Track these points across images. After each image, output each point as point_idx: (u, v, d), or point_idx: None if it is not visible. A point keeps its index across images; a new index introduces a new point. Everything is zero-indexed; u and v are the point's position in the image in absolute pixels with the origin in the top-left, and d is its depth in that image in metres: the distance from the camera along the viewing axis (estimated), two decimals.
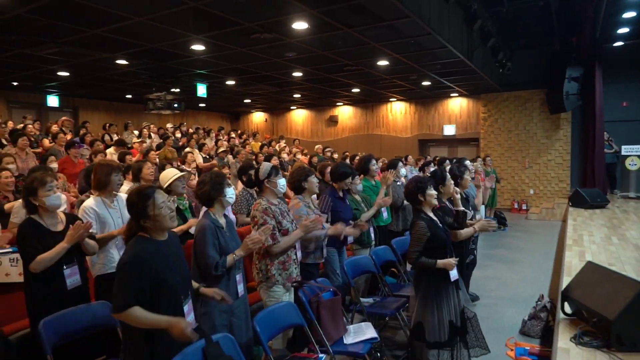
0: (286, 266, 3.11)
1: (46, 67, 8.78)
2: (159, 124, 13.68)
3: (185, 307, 2.20)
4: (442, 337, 3.02)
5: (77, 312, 2.67)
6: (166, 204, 2.18)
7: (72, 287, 2.80)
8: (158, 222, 2.14)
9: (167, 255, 2.14)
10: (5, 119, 9.93)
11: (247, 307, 2.75)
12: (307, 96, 13.68)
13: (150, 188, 2.21)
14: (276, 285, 3.07)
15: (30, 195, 2.73)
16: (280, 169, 3.37)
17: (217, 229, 2.59)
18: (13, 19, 5.79)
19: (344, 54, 8.18)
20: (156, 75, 9.72)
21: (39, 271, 2.65)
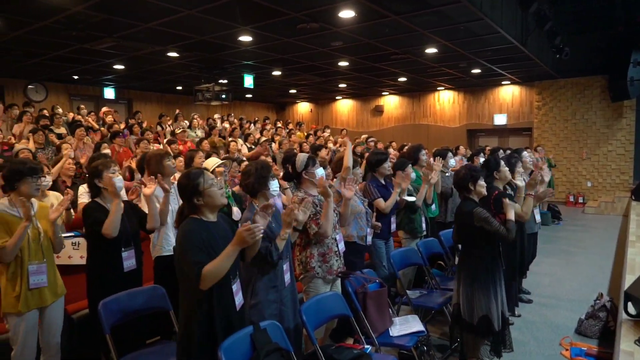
0: (326, 258, 3.07)
1: (103, 61, 9.19)
2: (208, 114, 14.05)
3: (233, 286, 2.23)
4: (497, 328, 3.01)
5: (133, 294, 2.80)
6: (215, 182, 2.23)
7: (128, 270, 2.94)
8: (210, 198, 2.18)
9: (216, 236, 2.18)
10: (67, 111, 10.52)
11: (295, 295, 2.76)
12: (352, 86, 13.56)
13: (198, 169, 2.28)
14: (316, 279, 3.05)
15: (95, 178, 2.92)
16: (317, 159, 3.32)
17: None
18: (73, 16, 6.07)
19: (391, 42, 8.02)
20: (205, 67, 9.94)
21: (115, 234, 2.81)
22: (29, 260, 2.64)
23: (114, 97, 12.87)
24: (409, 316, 3.30)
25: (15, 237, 2.54)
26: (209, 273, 2.01)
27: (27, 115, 7.24)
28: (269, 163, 2.87)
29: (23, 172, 2.64)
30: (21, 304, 2.59)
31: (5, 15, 6.10)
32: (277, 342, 2.29)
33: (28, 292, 2.62)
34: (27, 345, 2.64)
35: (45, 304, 2.72)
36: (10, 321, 2.63)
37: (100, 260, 2.90)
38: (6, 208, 2.62)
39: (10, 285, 2.62)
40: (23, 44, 7.65)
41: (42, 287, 2.68)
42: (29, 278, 2.62)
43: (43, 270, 2.69)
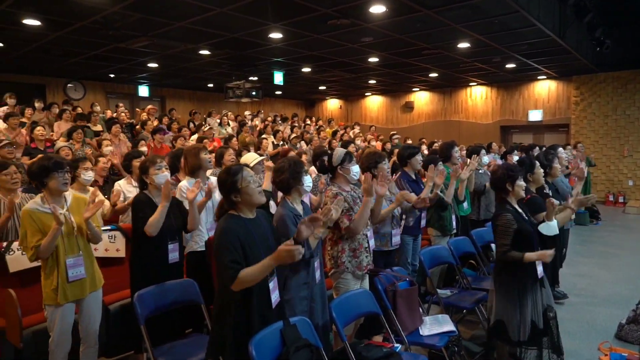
0: (357, 254, 3.06)
1: (138, 60, 9.44)
2: (238, 111, 14.22)
3: (270, 283, 2.24)
4: (522, 337, 2.87)
5: (167, 287, 2.87)
6: (254, 179, 2.25)
7: (172, 262, 3.07)
8: (248, 196, 2.20)
9: (254, 233, 2.20)
10: (104, 108, 10.88)
11: (324, 292, 2.77)
12: (382, 82, 13.44)
13: (238, 165, 2.30)
14: (346, 273, 3.04)
15: (143, 174, 3.11)
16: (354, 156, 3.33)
17: (295, 218, 2.62)
18: (110, 15, 6.26)
19: (422, 37, 7.89)
20: (236, 64, 10.05)
21: (155, 233, 2.95)
22: (65, 254, 2.71)
23: (148, 95, 13.22)
24: (440, 316, 3.25)
25: (48, 239, 2.60)
26: (243, 278, 2.05)
27: (66, 114, 7.52)
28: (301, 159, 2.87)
29: (49, 168, 2.67)
30: (59, 296, 2.69)
31: (47, 17, 6.34)
32: (307, 338, 2.29)
33: (66, 285, 2.70)
34: (62, 335, 2.74)
35: (83, 296, 2.81)
36: (48, 311, 2.74)
37: (146, 252, 3.03)
38: (38, 206, 2.68)
39: (48, 279, 2.71)
40: (63, 44, 7.94)
41: (81, 279, 2.77)
42: (67, 271, 2.70)
43: (80, 262, 2.77)
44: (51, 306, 2.71)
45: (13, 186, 3.39)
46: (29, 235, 2.62)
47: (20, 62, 9.54)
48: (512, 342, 2.89)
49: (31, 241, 2.61)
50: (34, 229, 2.63)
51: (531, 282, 2.91)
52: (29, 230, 2.62)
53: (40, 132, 5.98)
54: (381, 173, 3.19)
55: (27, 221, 2.64)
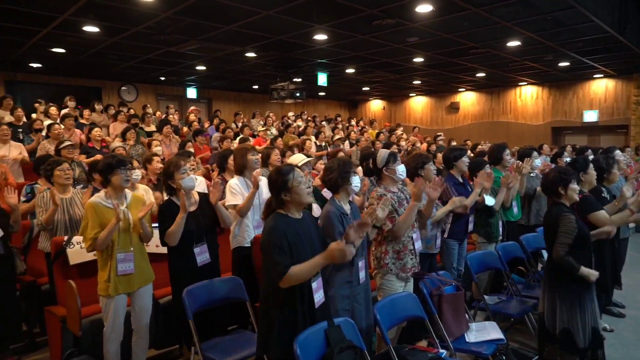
0: (401, 256, 3.02)
1: (187, 63, 9.77)
2: (282, 112, 14.41)
3: (314, 284, 2.27)
4: (585, 344, 2.79)
5: (213, 284, 2.95)
6: (304, 180, 2.29)
7: (202, 264, 3.05)
8: (297, 195, 2.24)
9: (300, 233, 2.23)
10: (154, 110, 11.32)
11: (369, 294, 2.76)
12: (427, 82, 13.22)
13: (289, 165, 2.35)
14: (389, 274, 3.01)
15: (168, 179, 3.07)
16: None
17: (342, 216, 2.63)
18: (163, 21, 6.51)
19: (470, 36, 7.69)
20: (280, 66, 10.20)
21: (174, 244, 2.97)
22: (117, 249, 2.85)
23: (196, 97, 13.65)
24: (487, 322, 3.16)
25: (106, 232, 2.76)
26: (292, 276, 2.08)
27: (121, 115, 7.89)
28: (350, 160, 2.87)
29: (113, 165, 2.86)
30: (111, 288, 2.83)
31: (105, 24, 6.69)
32: (351, 340, 2.29)
33: (117, 278, 2.84)
34: (115, 325, 2.88)
35: (132, 290, 2.94)
36: (102, 302, 2.89)
37: (176, 255, 3.06)
38: (102, 200, 2.87)
39: (102, 271, 2.88)
40: (118, 49, 8.34)
41: (129, 274, 2.90)
42: (117, 265, 2.84)
43: (130, 258, 2.90)
44: (104, 297, 2.86)
45: (66, 181, 3.62)
46: (90, 227, 2.79)
47: (79, 67, 10.11)
48: (578, 350, 2.78)
49: (90, 233, 2.78)
50: (95, 221, 2.79)
51: (589, 288, 2.81)
52: (90, 222, 2.79)
53: (97, 132, 6.32)
54: (435, 178, 3.14)
55: (90, 213, 2.81)
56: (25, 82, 10.97)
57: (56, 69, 10.44)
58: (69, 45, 7.96)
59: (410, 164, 3.47)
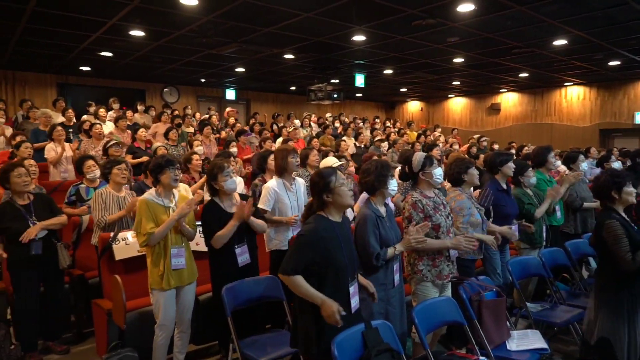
0: (436, 263, 2.95)
1: (227, 65, 9.98)
2: (319, 113, 14.46)
3: (351, 288, 2.27)
4: (630, 358, 2.61)
5: (251, 282, 3.00)
6: (346, 183, 2.30)
7: (242, 265, 3.11)
8: (339, 197, 2.25)
9: (339, 237, 2.24)
10: (194, 111, 11.64)
11: (403, 297, 2.73)
12: (467, 83, 12.94)
13: (331, 168, 2.38)
14: (424, 282, 2.96)
15: (212, 180, 3.13)
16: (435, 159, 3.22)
17: (377, 219, 2.61)
18: (204, 24, 6.69)
19: (513, 35, 7.46)
20: (318, 67, 10.25)
21: (218, 247, 3.02)
22: (170, 244, 2.97)
23: (235, 98, 13.91)
24: (529, 331, 3.06)
25: (164, 227, 2.89)
26: (294, 283, 2.16)
27: (164, 116, 8.16)
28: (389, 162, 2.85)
29: (162, 165, 2.99)
30: (164, 281, 2.94)
31: (150, 28, 6.94)
32: (388, 343, 2.27)
33: (170, 272, 2.96)
34: (166, 317, 2.99)
35: (183, 284, 3.05)
36: (154, 295, 3.00)
37: (218, 254, 3.11)
38: (153, 197, 3.00)
39: (154, 265, 2.98)
40: (162, 52, 8.63)
41: (181, 268, 3.01)
42: (171, 260, 2.96)
43: (182, 254, 3.02)
44: (157, 291, 2.97)
45: (122, 180, 3.79)
46: (144, 222, 2.90)
47: (125, 70, 10.53)
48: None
49: (145, 228, 2.89)
50: (149, 217, 2.91)
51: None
52: (144, 218, 2.91)
53: (143, 133, 6.57)
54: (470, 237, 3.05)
55: (143, 209, 2.93)
56: (75, 84, 11.54)
57: (104, 72, 10.91)
58: (116, 49, 8.31)
59: (453, 168, 3.40)
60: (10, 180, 3.45)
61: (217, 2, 5.76)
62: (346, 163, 4.89)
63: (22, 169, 3.49)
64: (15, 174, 3.44)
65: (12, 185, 3.47)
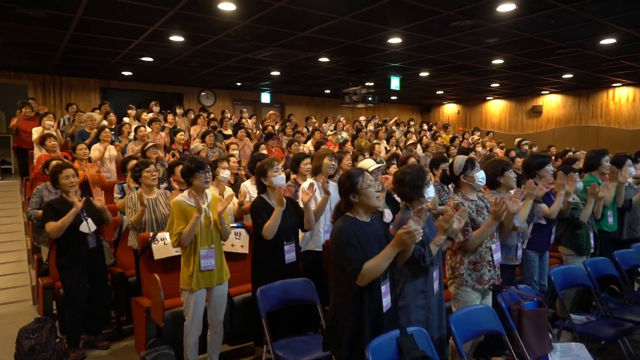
0: (477, 267, 2.89)
1: (262, 68, 10.14)
2: (353, 117, 14.46)
3: (382, 287, 2.26)
4: None
5: (287, 285, 3.03)
6: (374, 184, 2.30)
7: (288, 262, 3.20)
8: (366, 198, 2.26)
9: (369, 235, 2.24)
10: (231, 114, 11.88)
11: (442, 304, 2.69)
12: (506, 85, 12.61)
13: (359, 169, 2.39)
14: (464, 286, 2.91)
15: (261, 176, 3.26)
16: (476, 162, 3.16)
17: None
18: (241, 29, 6.82)
19: (557, 35, 7.22)
20: (353, 70, 10.25)
21: (271, 237, 3.11)
22: (200, 245, 3.04)
23: (269, 101, 14.12)
24: (573, 344, 2.93)
25: (189, 226, 2.96)
26: (367, 270, 2.11)
27: (201, 119, 8.37)
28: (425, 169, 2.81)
29: (192, 169, 3.07)
30: (193, 282, 3.01)
31: (189, 33, 7.14)
32: (424, 350, 2.24)
33: (199, 273, 3.02)
34: (195, 318, 3.06)
35: (212, 285, 3.11)
36: (184, 295, 3.08)
37: (265, 253, 3.20)
38: (185, 199, 3.07)
39: (185, 266, 3.07)
40: (200, 57, 8.86)
41: (211, 270, 3.07)
42: (200, 261, 3.02)
43: (212, 255, 3.08)
44: (186, 291, 3.05)
45: (152, 182, 3.90)
46: (175, 223, 3.00)
47: (164, 74, 10.89)
48: None
49: (176, 228, 2.99)
50: (181, 217, 3.00)
51: None
52: (176, 219, 3.00)
53: (181, 136, 6.76)
54: (516, 189, 2.99)
55: (175, 210, 3.02)
56: (117, 88, 12.03)
57: (144, 76, 11.32)
58: (156, 54, 8.60)
59: (489, 170, 3.33)
60: (59, 181, 3.66)
61: (253, 7, 5.87)
62: (384, 165, 4.87)
63: (70, 170, 3.69)
64: (63, 176, 3.64)
65: (61, 186, 3.68)
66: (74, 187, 3.68)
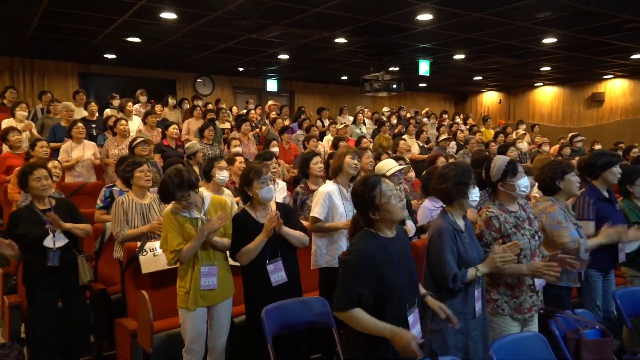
0: (516, 293, 2.83)
1: (268, 51, 10.20)
2: (374, 107, 14.44)
3: (410, 317, 2.24)
4: None
5: (296, 304, 3.02)
6: (395, 193, 2.28)
7: (276, 284, 3.10)
8: (388, 213, 2.25)
9: (394, 255, 2.23)
10: (231, 105, 11.98)
11: (487, 329, 2.66)
12: (559, 68, 12.50)
13: (375, 177, 2.35)
14: (500, 315, 2.85)
15: (246, 186, 3.16)
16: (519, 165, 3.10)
17: (455, 233, 2.57)
18: (244, 4, 6.86)
19: (623, 7, 7.08)
20: (375, 53, 10.25)
21: (245, 264, 3.08)
22: (201, 261, 3.05)
23: (277, 90, 14.20)
24: None
25: (191, 245, 2.96)
26: (353, 319, 2.17)
27: (197, 110, 8.40)
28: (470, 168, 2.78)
29: (172, 194, 2.99)
30: (190, 301, 3.02)
31: (183, 9, 7.21)
32: None
33: (198, 292, 3.03)
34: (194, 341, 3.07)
35: (214, 303, 3.12)
36: (181, 315, 3.10)
37: (249, 272, 3.15)
38: (178, 210, 3.07)
39: (181, 281, 3.08)
40: (195, 37, 8.94)
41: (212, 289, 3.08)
42: (200, 279, 3.04)
43: (214, 272, 3.09)
44: (183, 309, 3.07)
45: (146, 183, 3.93)
46: (170, 237, 3.00)
47: (153, 58, 11.00)
48: None
49: (172, 244, 2.99)
50: (176, 231, 3.00)
51: None
52: (171, 233, 3.01)
53: (174, 130, 6.77)
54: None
55: (168, 223, 3.03)
56: (99, 74, 12.20)
57: (130, 60, 11.45)
58: (144, 33, 8.70)
59: (546, 172, 3.28)
60: (29, 184, 3.60)
61: None
62: (407, 167, 4.82)
63: (42, 171, 3.62)
64: (33, 177, 3.58)
65: (30, 190, 3.64)
66: (46, 191, 3.64)
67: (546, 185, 3.36)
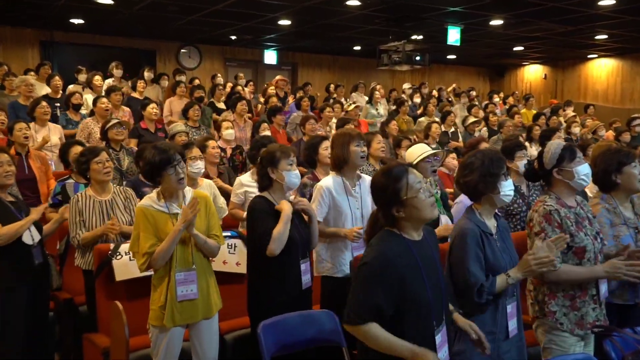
0: (577, 304, 2.83)
1: (267, 16, 10.19)
2: (393, 84, 14.41)
3: (437, 336, 2.23)
4: None
5: (300, 318, 3.01)
6: (424, 187, 2.25)
7: (305, 287, 3.19)
8: (414, 210, 2.21)
9: (418, 259, 2.21)
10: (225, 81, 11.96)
11: (523, 351, 2.65)
12: (619, 37, 12.44)
13: (401, 166, 2.31)
14: (559, 331, 2.84)
15: (271, 166, 3.18)
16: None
17: (483, 235, 2.56)
18: None
19: None
20: (394, 18, 10.23)
21: (277, 252, 3.05)
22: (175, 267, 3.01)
23: (276, 62, 14.20)
24: None
25: (166, 244, 2.91)
26: (369, 336, 2.16)
27: (181, 87, 8.39)
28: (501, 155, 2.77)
29: (158, 166, 2.95)
30: (166, 317, 2.98)
31: None
32: None
33: (175, 304, 2.99)
34: None
35: (195, 320, 3.09)
36: (152, 333, 3.08)
37: (271, 273, 3.15)
38: (153, 203, 3.03)
39: (156, 292, 3.05)
40: None
41: (192, 299, 3.04)
42: (176, 288, 2.99)
43: (192, 278, 3.05)
44: (156, 328, 3.04)
45: (105, 177, 3.86)
46: (142, 238, 2.96)
47: (129, 24, 11.05)
48: None
49: (143, 246, 2.94)
50: (148, 231, 2.96)
51: None
52: (143, 233, 2.96)
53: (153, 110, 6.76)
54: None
55: (140, 221, 2.99)
56: (64, 42, 12.27)
57: (101, 27, 11.51)
58: None
59: (599, 165, 3.25)
60: None
61: None
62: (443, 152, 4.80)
63: (3, 155, 3.62)
64: None
65: None
66: (9, 178, 3.64)
67: (600, 179, 3.33)
